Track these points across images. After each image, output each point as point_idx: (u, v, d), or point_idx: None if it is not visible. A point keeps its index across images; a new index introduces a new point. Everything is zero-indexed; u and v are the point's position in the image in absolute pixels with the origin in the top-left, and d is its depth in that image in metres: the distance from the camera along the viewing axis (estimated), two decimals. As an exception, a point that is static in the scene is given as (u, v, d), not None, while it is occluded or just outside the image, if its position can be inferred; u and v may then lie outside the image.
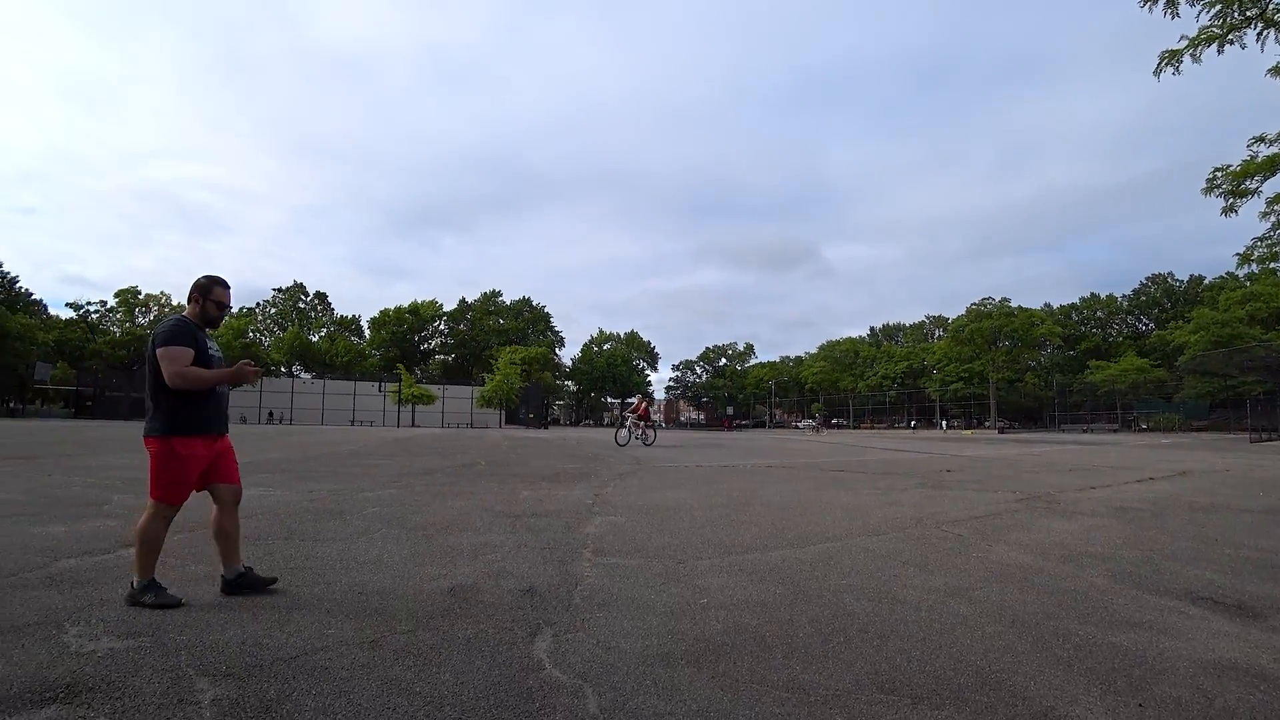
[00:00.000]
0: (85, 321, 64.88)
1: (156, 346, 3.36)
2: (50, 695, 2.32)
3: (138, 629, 2.99)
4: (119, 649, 2.76)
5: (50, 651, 2.72)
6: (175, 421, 3.39)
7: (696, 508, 7.28)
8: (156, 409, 3.40)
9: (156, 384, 3.39)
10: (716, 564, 4.59)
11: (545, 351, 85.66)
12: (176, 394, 3.37)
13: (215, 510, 3.63)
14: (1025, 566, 4.58)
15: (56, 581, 3.76)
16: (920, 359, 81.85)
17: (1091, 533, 5.98)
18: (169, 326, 3.42)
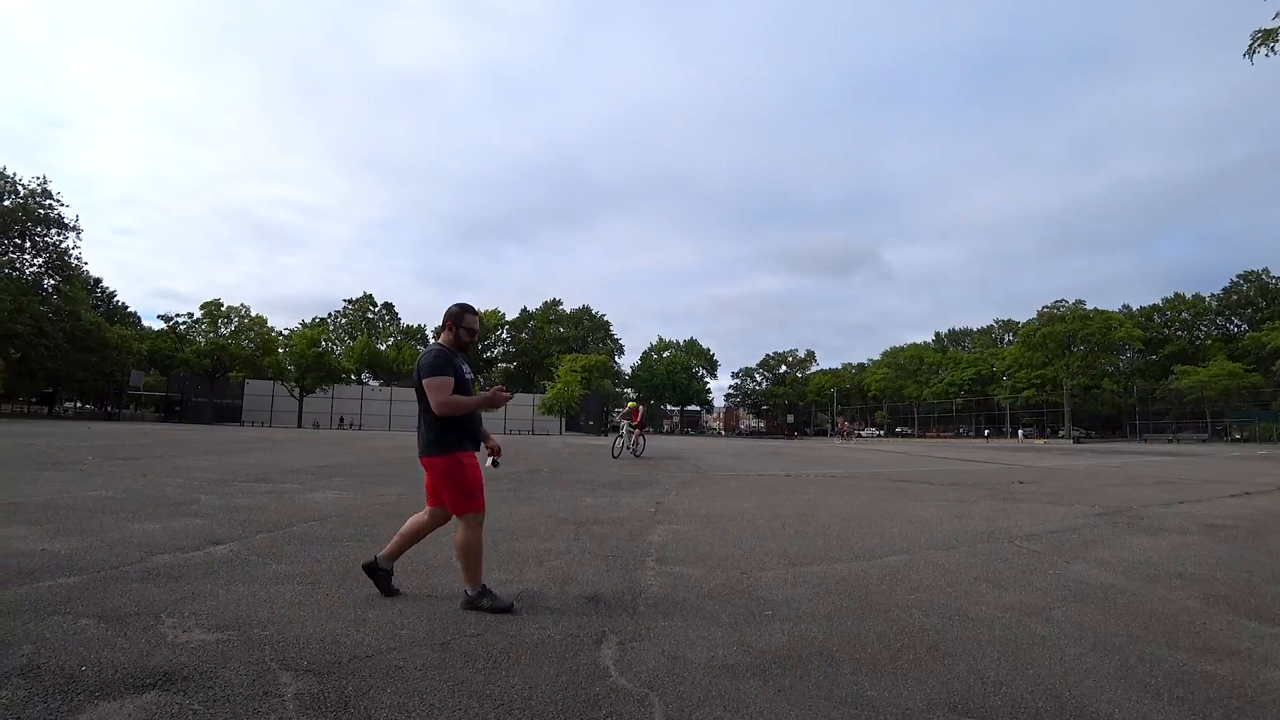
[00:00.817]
0: (174, 332, 68.69)
1: (422, 376, 3.54)
2: (150, 682, 2.47)
3: (226, 623, 3.15)
4: (209, 641, 2.91)
5: (149, 641, 2.89)
6: (452, 439, 3.57)
7: (759, 517, 7.22)
8: (432, 430, 3.57)
9: (425, 408, 3.60)
10: (781, 575, 4.54)
11: (605, 359, 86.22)
12: (446, 417, 3.54)
13: (425, 516, 3.79)
14: (1107, 586, 4.37)
15: (153, 575, 4.00)
16: (989, 365, 78.88)
17: (1180, 551, 5.65)
18: (432, 357, 3.58)
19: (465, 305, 3.79)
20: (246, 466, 11.88)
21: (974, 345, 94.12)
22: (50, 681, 2.44)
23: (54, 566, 4.10)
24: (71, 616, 3.17)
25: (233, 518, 6.17)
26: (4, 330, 44.65)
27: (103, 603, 3.41)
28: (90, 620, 3.13)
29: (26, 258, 53.15)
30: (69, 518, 5.84)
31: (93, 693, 2.37)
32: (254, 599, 3.57)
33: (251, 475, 10.26)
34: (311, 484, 9.32)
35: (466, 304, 3.79)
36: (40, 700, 2.29)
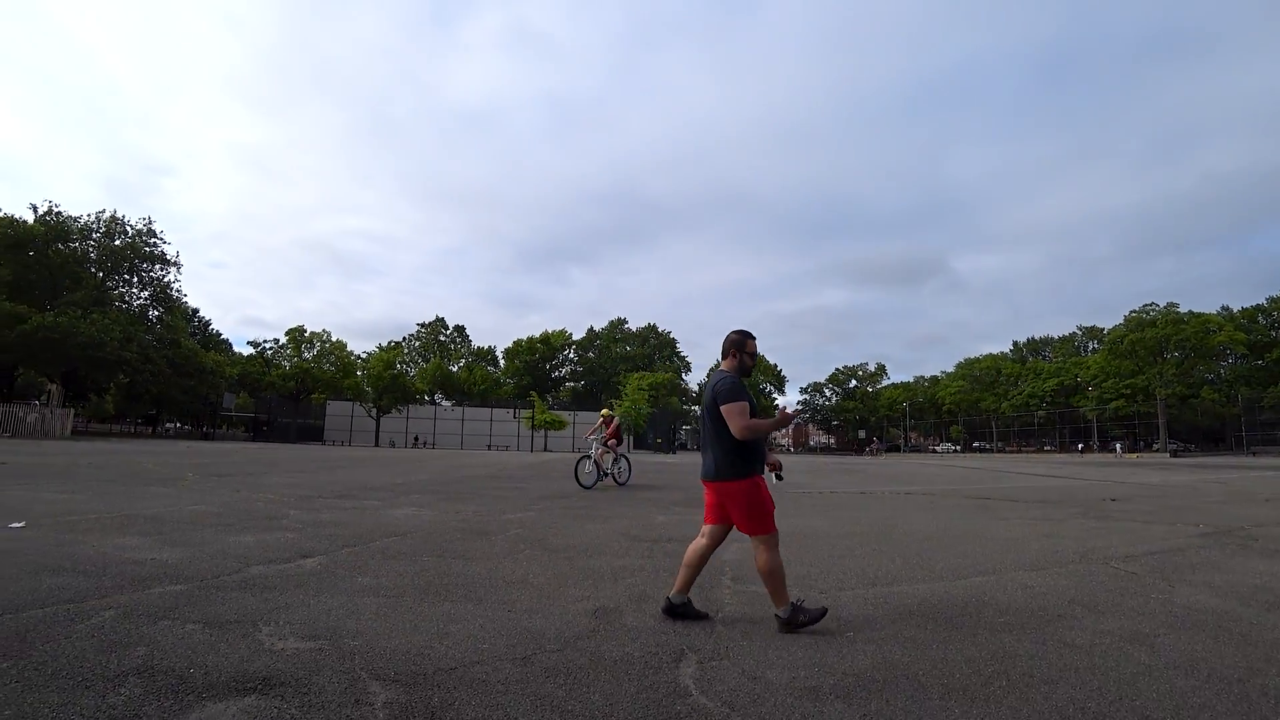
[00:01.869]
0: (262, 357, 73.03)
1: (721, 402, 3.63)
2: (251, 686, 2.60)
3: (318, 633, 3.29)
4: (303, 649, 3.04)
5: (249, 647, 3.04)
6: (750, 464, 3.66)
7: (834, 536, 7.05)
8: (729, 455, 3.65)
9: (719, 433, 3.69)
10: (860, 595, 4.42)
11: (671, 377, 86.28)
12: (741, 442, 3.62)
13: (704, 540, 3.81)
14: (1220, 612, 4.07)
15: (249, 585, 4.21)
16: (1072, 375, 74.87)
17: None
18: (729, 385, 3.68)
19: (745, 332, 3.86)
20: (329, 483, 12.39)
21: (1055, 354, 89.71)
22: (163, 682, 2.59)
23: (162, 575, 4.37)
24: (179, 622, 3.37)
25: (319, 532, 6.44)
26: (115, 357, 48.11)
27: (206, 610, 3.61)
28: (196, 626, 3.31)
29: (134, 291, 57.53)
30: (173, 530, 6.21)
31: (200, 694, 2.50)
32: (342, 610, 3.70)
33: (334, 492, 10.69)
34: (391, 501, 9.63)
35: (746, 330, 3.87)
36: (154, 699, 2.43)
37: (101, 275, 54.80)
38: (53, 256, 50.99)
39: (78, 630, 3.17)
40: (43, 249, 50.30)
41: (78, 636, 3.08)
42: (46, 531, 5.85)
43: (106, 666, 2.73)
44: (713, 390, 3.72)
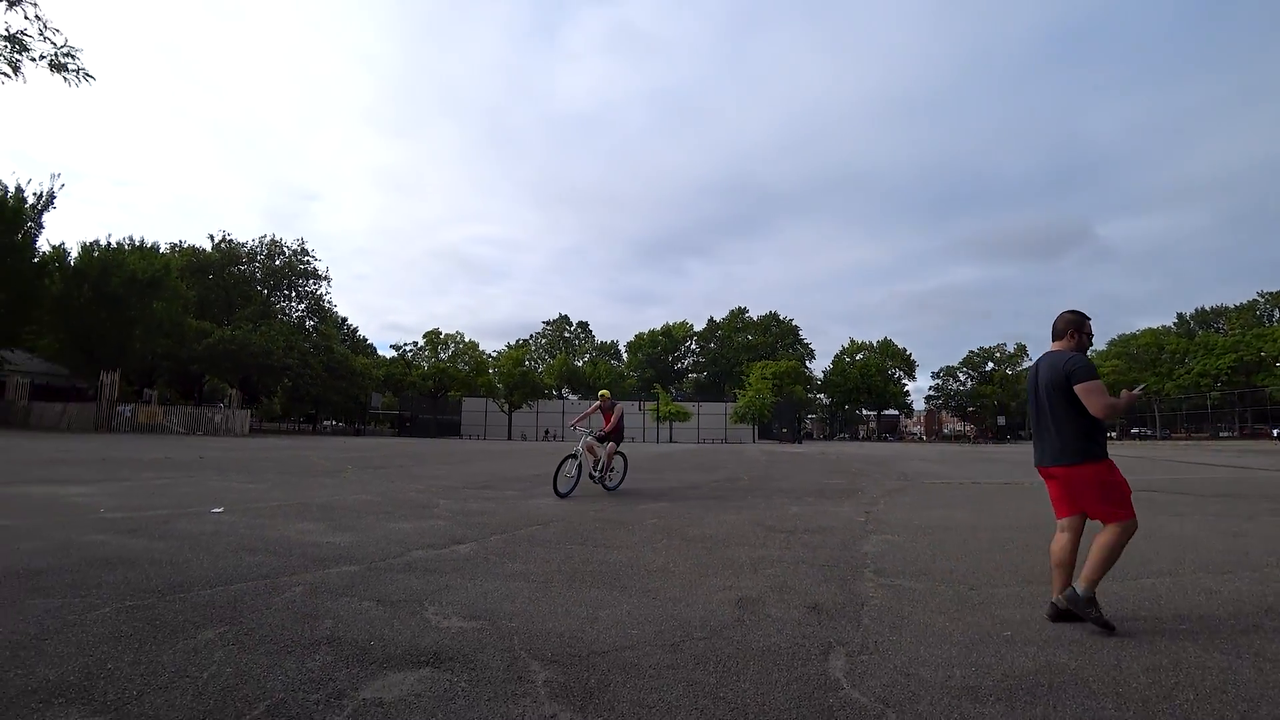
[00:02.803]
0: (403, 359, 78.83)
1: (1077, 381, 3.48)
2: (423, 659, 2.80)
3: (478, 613, 3.49)
4: (466, 629, 3.24)
5: (418, 624, 3.28)
6: (1101, 444, 3.57)
7: (981, 529, 6.65)
8: (1081, 438, 3.52)
9: (1069, 414, 3.54)
10: (1016, 593, 4.14)
11: (795, 365, 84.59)
12: (1093, 422, 3.50)
13: (1067, 536, 3.66)
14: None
15: (412, 568, 4.54)
16: (1254, 349, 65.92)
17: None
18: (1084, 363, 3.54)
19: (1080, 312, 3.78)
20: (471, 475, 13.14)
21: (1231, 326, 79.36)
22: (349, 651, 2.85)
23: (338, 556, 4.81)
24: (357, 599, 3.69)
25: (468, 520, 6.84)
26: (280, 364, 53.57)
27: (377, 589, 3.93)
28: (371, 603, 3.61)
29: (293, 305, 63.93)
30: (342, 516, 6.81)
31: (381, 664, 2.73)
32: (498, 594, 3.91)
33: (476, 483, 11.32)
34: (529, 491, 10.07)
35: (1081, 311, 3.78)
36: (344, 666, 2.68)
37: (266, 292, 61.27)
38: (227, 278, 57.69)
39: (275, 603, 3.55)
40: (219, 272, 57.06)
41: (275, 608, 3.45)
42: (240, 517, 6.59)
43: (301, 635, 3.03)
44: (1064, 369, 3.55)
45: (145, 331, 41.64)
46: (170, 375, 52.99)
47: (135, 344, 41.53)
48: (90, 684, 2.44)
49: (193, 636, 2.98)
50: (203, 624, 3.16)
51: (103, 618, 3.21)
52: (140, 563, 4.40)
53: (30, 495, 7.82)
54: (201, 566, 4.35)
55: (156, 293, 41.91)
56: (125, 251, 42.38)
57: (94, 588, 3.75)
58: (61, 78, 12.96)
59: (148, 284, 40.88)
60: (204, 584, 3.90)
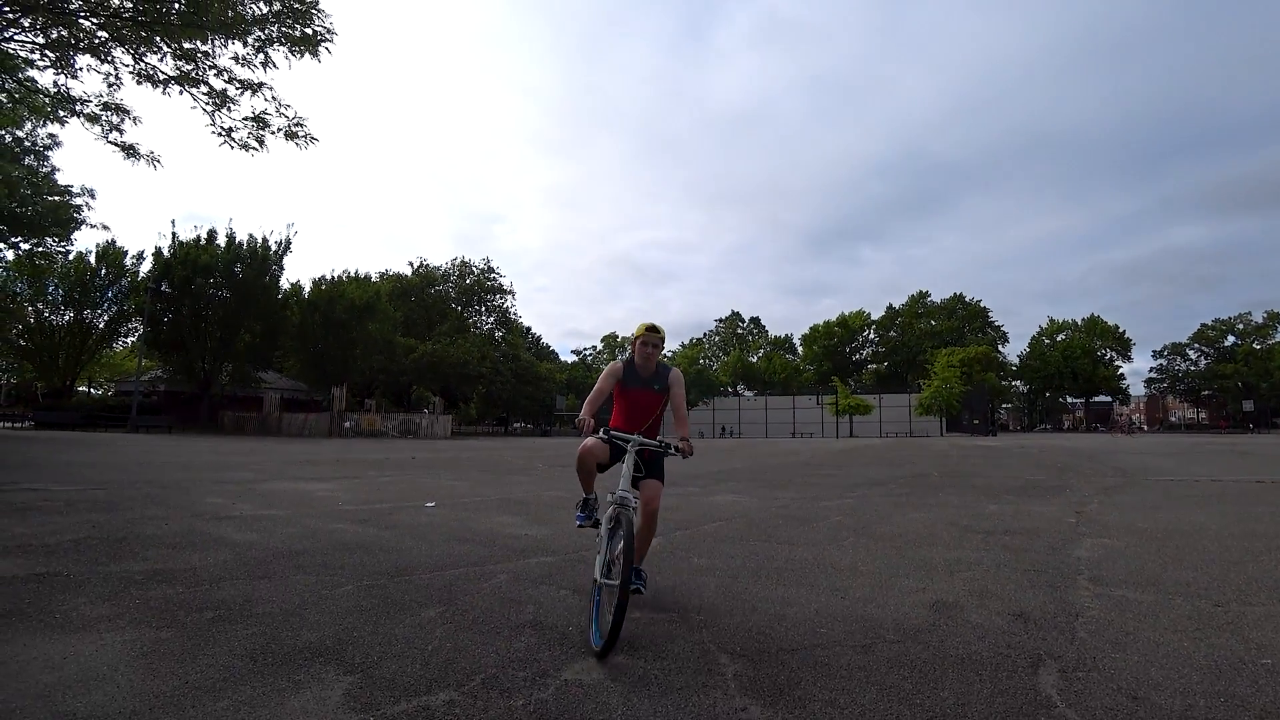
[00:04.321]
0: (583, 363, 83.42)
1: None
2: (618, 647, 2.91)
3: (667, 606, 3.58)
4: (657, 619, 3.33)
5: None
6: None
7: (1227, 535, 5.71)
8: None
9: None
10: (1272, 612, 3.49)
11: (986, 350, 77.93)
12: None
13: None
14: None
15: (603, 562, 4.75)
16: None
17: None
18: None
19: None
20: (652, 473, 13.48)
21: None
22: (550, 635, 3.04)
23: (537, 548, 5.15)
24: (555, 588, 3.93)
25: (651, 515, 7.03)
26: (475, 373, 58.68)
27: (573, 579, 4.16)
28: (567, 591, 3.83)
29: (483, 318, 69.80)
30: (537, 511, 7.29)
31: (579, 648, 2.88)
32: (685, 587, 3.99)
33: (658, 480, 11.59)
34: (710, 488, 10.15)
35: None
36: (546, 649, 2.86)
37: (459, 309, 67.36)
38: (426, 299, 64.31)
39: (483, 588, 3.88)
40: (419, 294, 63.77)
41: (484, 593, 3.77)
42: (449, 510, 7.27)
43: (507, 618, 3.29)
44: None
45: (364, 350, 47.67)
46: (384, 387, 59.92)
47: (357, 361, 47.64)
48: (341, 649, 2.82)
49: (417, 614, 3.33)
50: (425, 603, 3.53)
51: (347, 594, 3.70)
52: (372, 548, 5.00)
53: (287, 490, 9.16)
54: (420, 553, 4.86)
55: (371, 316, 47.78)
56: (344, 283, 48.77)
57: (339, 568, 4.33)
58: (294, 145, 15.25)
59: (364, 309, 46.75)
60: (424, 569, 4.35)
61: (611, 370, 3.74)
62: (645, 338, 3.67)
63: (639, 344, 3.69)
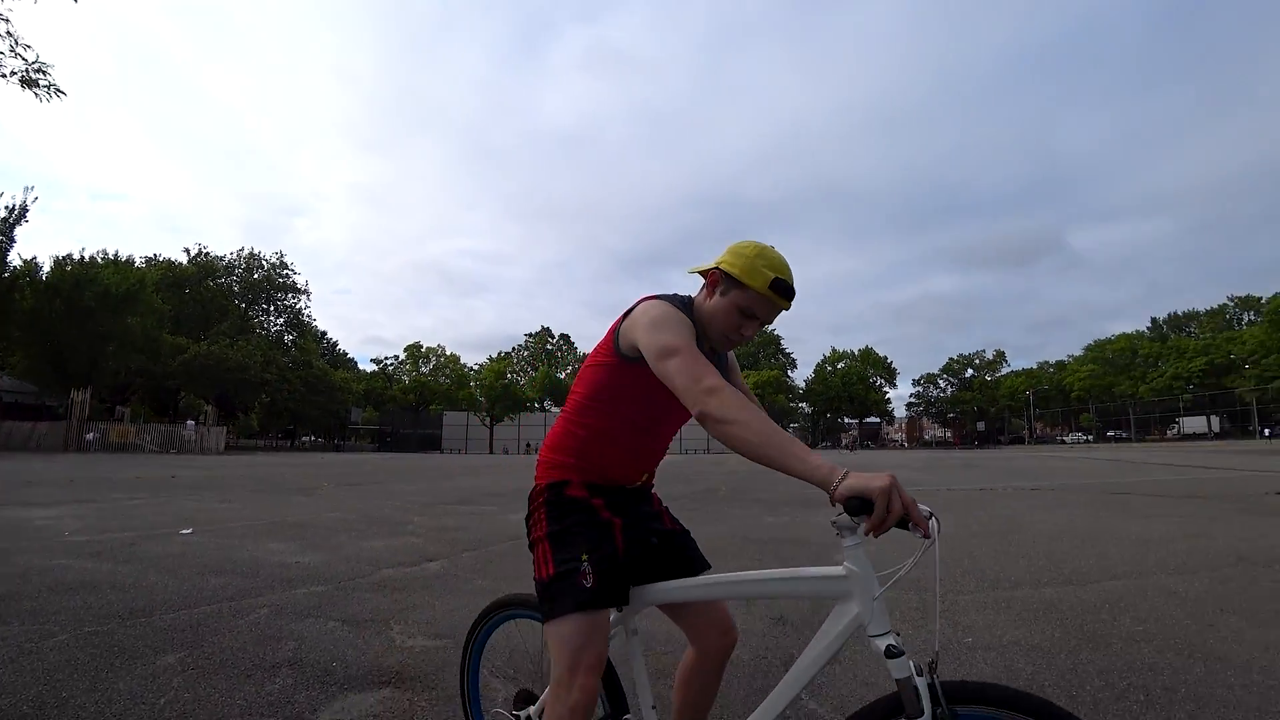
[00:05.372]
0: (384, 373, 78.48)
1: None
2: (385, 679, 2.82)
3: (442, 632, 3.51)
4: (430, 647, 3.26)
5: (382, 644, 3.29)
6: None
7: (953, 536, 6.76)
8: None
9: None
10: (980, 599, 4.24)
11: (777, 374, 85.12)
12: None
13: None
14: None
15: (381, 587, 4.54)
16: (1224, 351, 67.46)
17: None
18: None
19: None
20: (450, 490, 13.08)
21: (1202, 330, 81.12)
22: (310, 673, 2.86)
23: (307, 576, 4.79)
24: (322, 620, 3.69)
25: (442, 537, 6.83)
26: (258, 379, 52.99)
27: (344, 609, 3.93)
28: (336, 623, 3.62)
29: (271, 319, 63.33)
30: (314, 535, 6.78)
31: (342, 685, 2.74)
32: (464, 610, 3.93)
33: (455, 498, 11.27)
34: (507, 506, 10.05)
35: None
36: (304, 689, 2.69)
37: (244, 306, 60.59)
38: (204, 292, 56.94)
39: (238, 625, 3.54)
40: (195, 286, 56.34)
41: (238, 631, 3.44)
42: (210, 537, 6.53)
43: (263, 658, 3.04)
44: None
45: (119, 347, 41.07)
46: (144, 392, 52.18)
47: (108, 360, 40.94)
48: (42, 713, 2.43)
49: (151, 662, 2.97)
50: (163, 649, 3.15)
51: (59, 645, 3.19)
52: (102, 587, 4.36)
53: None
54: (165, 590, 4.32)
55: (131, 308, 41.37)
56: (100, 266, 41.89)
57: (53, 614, 3.72)
58: (32, 94, 12.90)
59: (122, 299, 40.35)
60: (167, 608, 3.88)
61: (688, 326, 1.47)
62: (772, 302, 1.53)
63: (759, 304, 1.53)
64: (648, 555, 1.63)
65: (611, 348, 1.55)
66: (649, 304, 1.52)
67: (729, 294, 1.54)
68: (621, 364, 1.52)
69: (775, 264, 1.53)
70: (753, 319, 1.55)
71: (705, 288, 1.61)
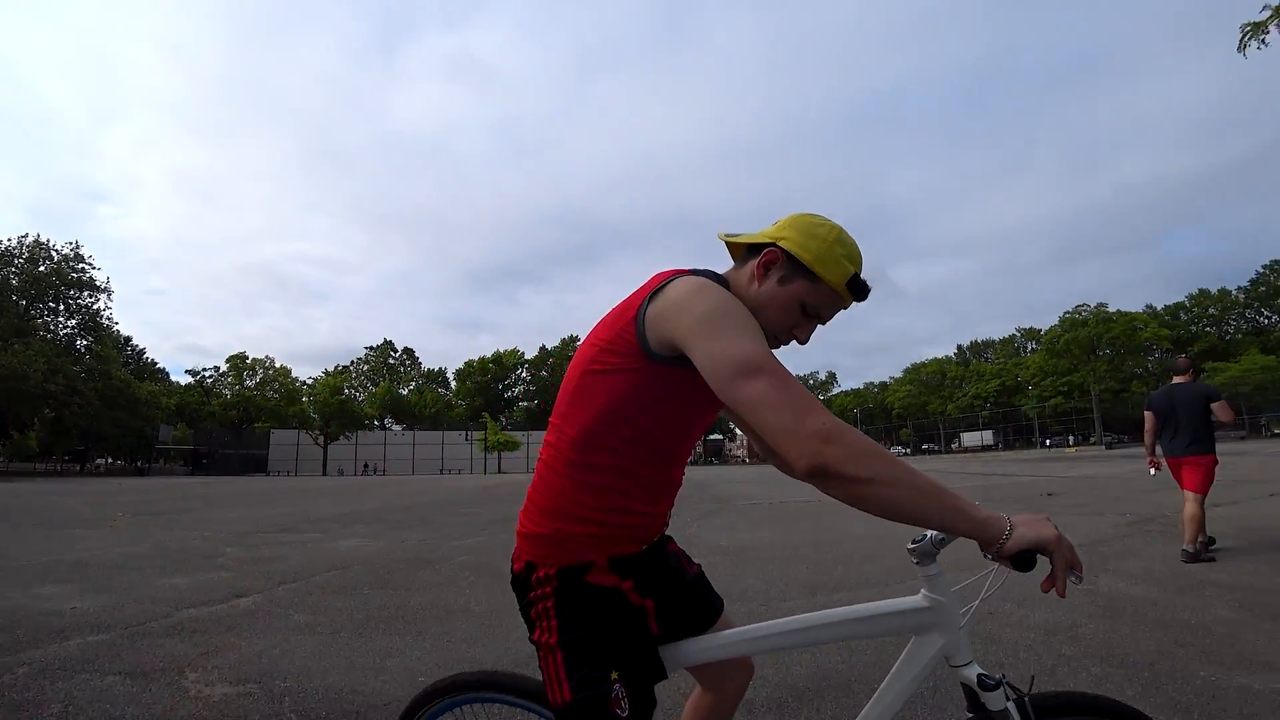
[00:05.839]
0: (201, 385, 70.52)
1: (1214, 399, 5.95)
2: (173, 740, 2.52)
3: (247, 676, 3.20)
4: (231, 695, 2.95)
5: (173, 696, 2.94)
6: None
7: (780, 546, 7.17)
8: (1209, 438, 5.93)
9: (1205, 419, 5.94)
10: (800, 605, 4.51)
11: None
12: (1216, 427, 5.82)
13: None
14: (1138, 599, 4.28)
15: (179, 630, 4.06)
16: (1013, 375, 77.67)
17: (1219, 558, 5.53)
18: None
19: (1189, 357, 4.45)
20: (272, 517, 12.02)
21: (996, 356, 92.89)
22: (76, 741, 2.49)
23: (83, 624, 4.18)
24: (99, 674, 3.23)
25: (257, 569, 6.25)
26: (38, 390, 45.73)
27: (129, 659, 3.47)
28: (117, 677, 3.18)
29: (60, 320, 54.93)
30: (99, 575, 5.94)
31: (117, 751, 2.41)
32: (275, 651, 3.61)
33: (276, 525, 10.36)
34: (335, 532, 9.39)
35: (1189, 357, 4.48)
36: (66, 761, 2.34)
37: (24, 303, 52.18)
38: (-30, 287, 48.44)
39: (-14, 690, 3.02)
40: (-42, 278, 47.79)
41: (-15, 697, 2.93)
42: (-42, 584, 5.53)
43: (15, 727, 2.61)
44: (1206, 391, 6.06)
45: None
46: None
47: None
48: None
49: None
50: (-124, 725, 2.62)
51: None
52: None
53: None
54: (-110, 651, 3.60)
55: None
56: None
57: None
58: None
59: None
60: (-111, 673, 3.23)
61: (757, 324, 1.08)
62: (843, 302, 1.24)
63: (829, 302, 1.22)
64: (675, 615, 1.33)
65: (634, 344, 1.09)
66: (689, 283, 1.09)
67: (791, 283, 1.17)
68: (652, 367, 1.09)
69: (854, 255, 1.20)
70: (814, 319, 1.23)
71: (755, 267, 1.19)
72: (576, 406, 1.14)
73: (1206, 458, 5.84)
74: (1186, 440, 5.92)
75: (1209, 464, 5.84)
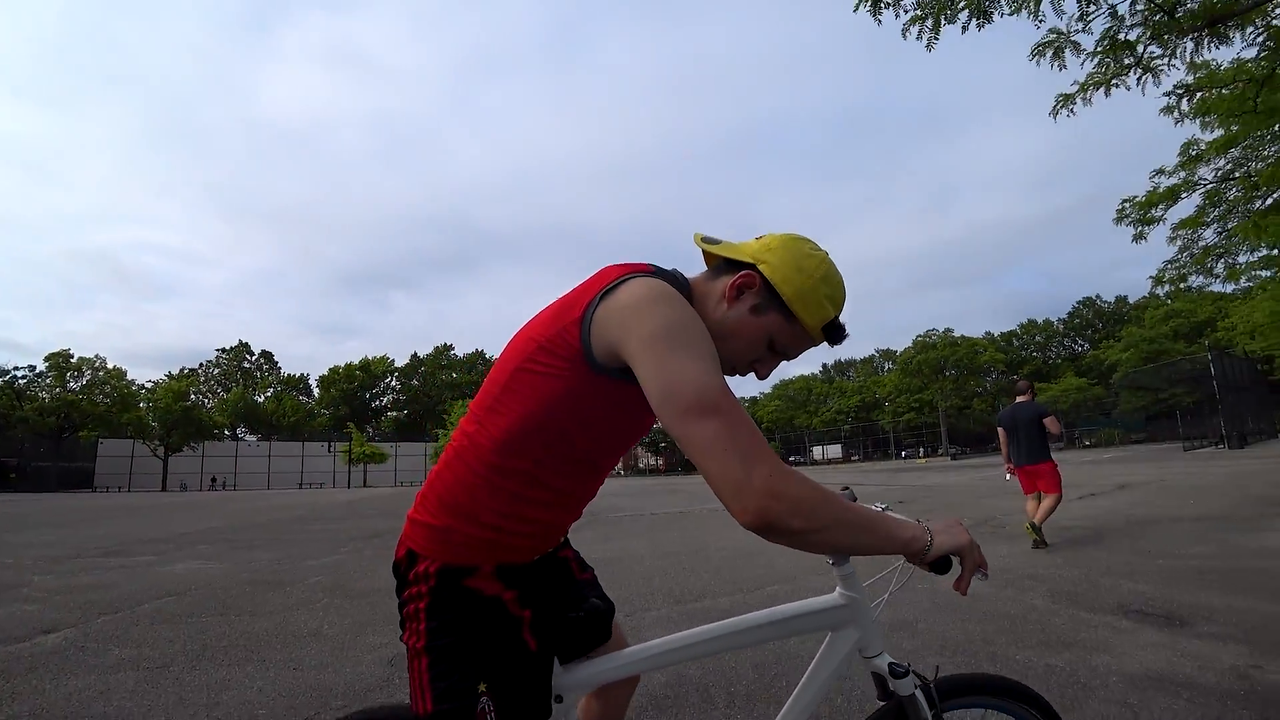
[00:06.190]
0: (12, 388, 61.60)
1: (1045, 416, 6.98)
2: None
3: (50, 723, 2.82)
4: (28, 746, 2.59)
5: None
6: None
7: (649, 557, 7.25)
8: (1045, 448, 6.97)
9: (1041, 433, 6.99)
10: (666, 614, 4.58)
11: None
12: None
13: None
14: (970, 594, 4.68)
15: (-37, 676, 3.52)
16: (872, 392, 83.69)
17: (1034, 555, 6.16)
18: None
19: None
20: (95, 538, 10.73)
21: (858, 375, 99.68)
22: None
23: None
24: None
25: (70, 599, 5.54)
26: None
27: (-105, 712, 2.97)
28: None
29: None
30: None
31: None
32: (88, 692, 3.21)
33: (100, 549, 9.27)
34: (171, 554, 8.52)
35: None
36: None
37: None
38: None
39: None
40: None
41: None
42: None
43: None
44: (1037, 411, 7.02)
45: None
46: None
47: None
48: None
49: None
50: None
51: None
52: None
53: None
54: None
55: None
56: None
57: None
58: None
59: None
60: None
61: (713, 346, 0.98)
62: (813, 344, 1.21)
63: (798, 343, 1.19)
64: (568, 631, 1.24)
65: (576, 347, 0.99)
66: (646, 287, 0.97)
67: (764, 315, 1.09)
68: (592, 378, 0.99)
69: (838, 296, 1.14)
70: (779, 357, 1.17)
71: (729, 287, 1.09)
72: (503, 404, 1.04)
73: (1046, 464, 6.86)
74: (1028, 451, 6.97)
75: (1051, 469, 6.84)
